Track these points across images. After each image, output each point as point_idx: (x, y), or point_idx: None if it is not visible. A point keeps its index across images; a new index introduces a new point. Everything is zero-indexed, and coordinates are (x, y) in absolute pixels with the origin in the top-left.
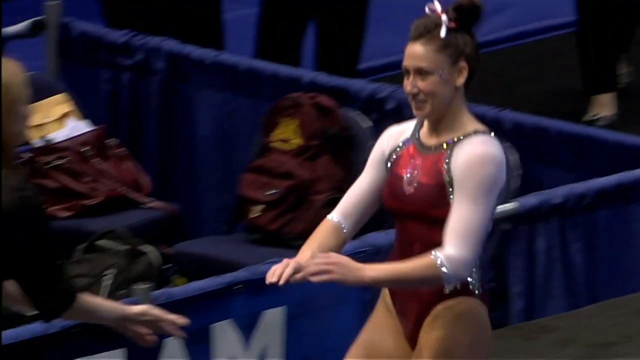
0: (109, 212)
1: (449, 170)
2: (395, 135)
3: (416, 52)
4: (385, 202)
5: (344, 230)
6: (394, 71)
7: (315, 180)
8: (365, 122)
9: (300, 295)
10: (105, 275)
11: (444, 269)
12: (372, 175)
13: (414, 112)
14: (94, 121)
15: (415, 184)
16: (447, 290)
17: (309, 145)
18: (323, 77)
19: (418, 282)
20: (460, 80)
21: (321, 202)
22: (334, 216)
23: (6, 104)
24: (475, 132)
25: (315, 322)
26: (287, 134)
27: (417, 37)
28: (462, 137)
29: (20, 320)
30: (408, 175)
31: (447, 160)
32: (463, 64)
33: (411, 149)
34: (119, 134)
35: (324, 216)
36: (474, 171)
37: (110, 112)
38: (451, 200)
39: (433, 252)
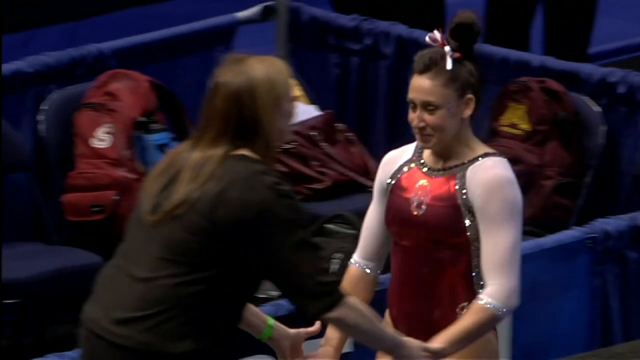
0: (337, 196)
1: (463, 193)
2: (392, 161)
3: (423, 85)
4: (389, 225)
5: (372, 274)
6: (626, 55)
7: (544, 165)
8: (595, 107)
9: (529, 281)
10: (333, 258)
11: (496, 309)
12: (379, 208)
13: (420, 143)
14: (322, 105)
15: (425, 207)
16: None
17: (537, 130)
18: (552, 61)
19: (481, 334)
20: (468, 112)
21: (549, 187)
22: (358, 262)
23: (272, 100)
24: (485, 155)
25: (543, 308)
26: (515, 119)
27: (423, 70)
28: (472, 160)
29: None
30: (415, 197)
31: (459, 183)
32: (470, 95)
33: (414, 171)
34: (347, 119)
35: (553, 201)
36: (495, 196)
37: (338, 97)
38: (467, 226)
39: (478, 298)
